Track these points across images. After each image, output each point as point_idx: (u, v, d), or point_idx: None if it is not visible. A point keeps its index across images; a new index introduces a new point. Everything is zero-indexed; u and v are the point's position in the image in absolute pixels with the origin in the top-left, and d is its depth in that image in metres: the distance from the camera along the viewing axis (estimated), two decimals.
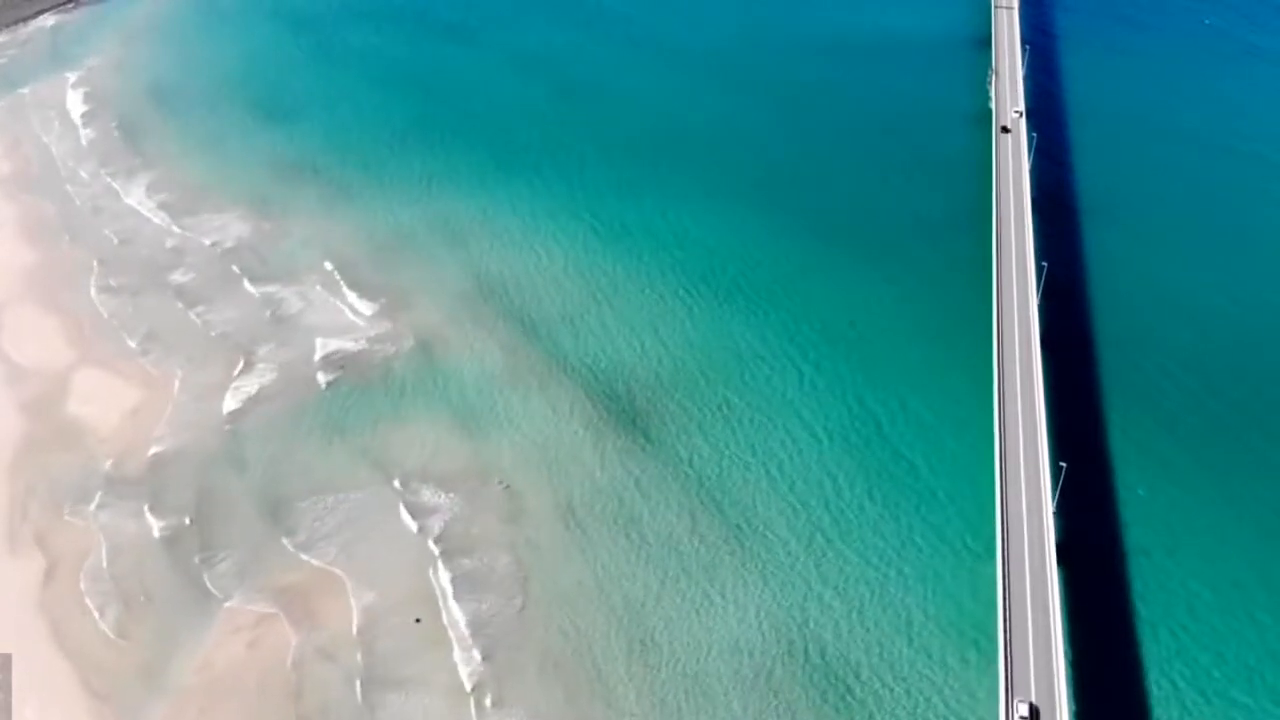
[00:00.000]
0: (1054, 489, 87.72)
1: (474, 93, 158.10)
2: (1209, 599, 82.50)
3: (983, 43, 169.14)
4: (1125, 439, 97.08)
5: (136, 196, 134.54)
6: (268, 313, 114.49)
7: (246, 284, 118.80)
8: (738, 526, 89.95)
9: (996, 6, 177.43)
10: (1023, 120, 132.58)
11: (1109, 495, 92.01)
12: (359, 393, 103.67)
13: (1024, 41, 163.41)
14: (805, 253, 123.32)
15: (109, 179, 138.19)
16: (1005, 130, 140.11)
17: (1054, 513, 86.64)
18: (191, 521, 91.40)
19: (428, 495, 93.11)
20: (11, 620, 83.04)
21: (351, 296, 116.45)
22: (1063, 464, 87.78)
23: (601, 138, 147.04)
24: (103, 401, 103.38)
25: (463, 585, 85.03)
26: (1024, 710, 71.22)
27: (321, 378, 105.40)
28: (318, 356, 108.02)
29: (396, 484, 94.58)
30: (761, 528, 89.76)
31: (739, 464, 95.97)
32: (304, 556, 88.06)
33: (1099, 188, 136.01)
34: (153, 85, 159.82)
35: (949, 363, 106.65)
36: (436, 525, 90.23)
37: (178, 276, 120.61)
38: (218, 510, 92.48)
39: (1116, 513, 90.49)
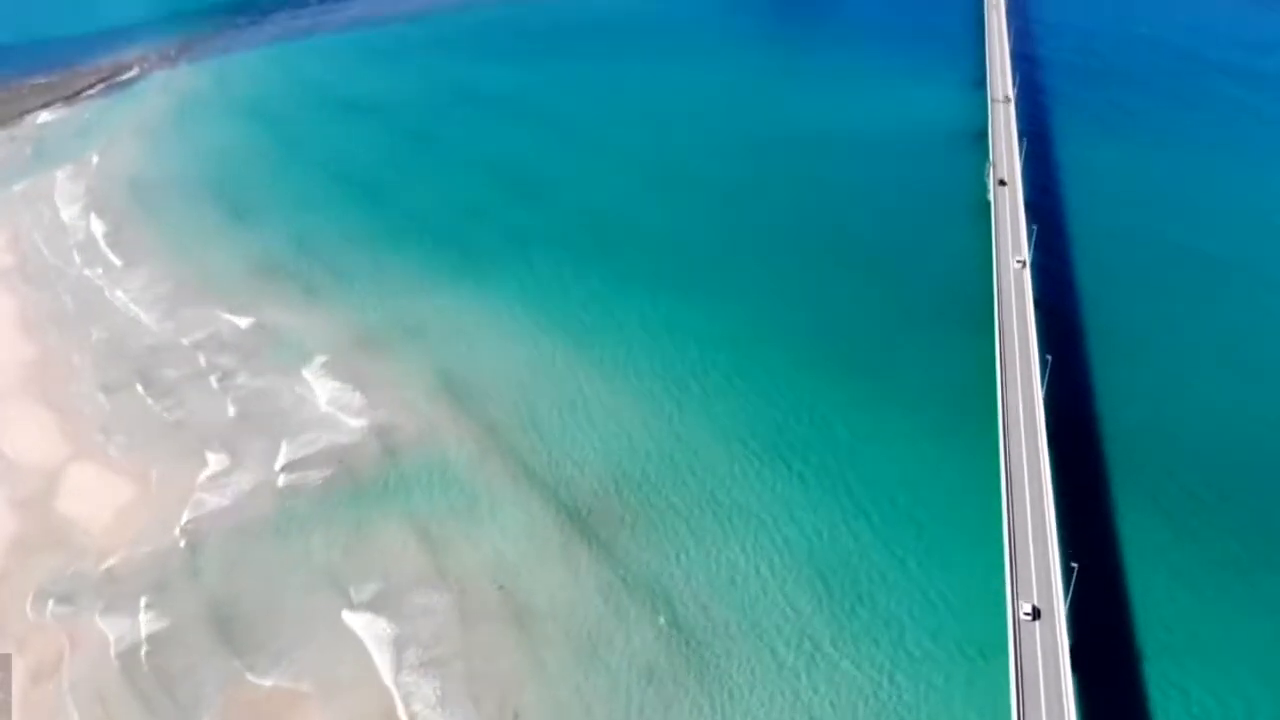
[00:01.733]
0: (1066, 590, 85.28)
1: (440, 194, 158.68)
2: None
3: (979, 136, 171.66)
4: (1135, 539, 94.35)
5: (125, 293, 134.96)
6: (244, 411, 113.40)
7: (222, 381, 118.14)
8: (725, 629, 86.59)
9: (993, 100, 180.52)
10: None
11: (1123, 597, 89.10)
12: (326, 497, 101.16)
13: (1021, 134, 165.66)
14: (800, 346, 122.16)
15: (99, 275, 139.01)
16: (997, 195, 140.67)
17: (1066, 613, 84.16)
18: (155, 632, 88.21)
19: (389, 609, 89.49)
20: None
21: (323, 397, 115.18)
22: (1074, 564, 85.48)
23: (588, 233, 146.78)
24: (91, 499, 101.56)
25: (422, 705, 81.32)
26: None
27: (292, 479, 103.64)
28: (288, 459, 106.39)
29: (355, 595, 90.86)
30: (751, 632, 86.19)
31: (726, 564, 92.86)
32: (259, 678, 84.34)
33: (1101, 280, 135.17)
34: (140, 183, 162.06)
35: (951, 459, 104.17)
36: (396, 640, 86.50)
37: (165, 373, 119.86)
38: (181, 622, 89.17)
39: (1131, 615, 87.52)
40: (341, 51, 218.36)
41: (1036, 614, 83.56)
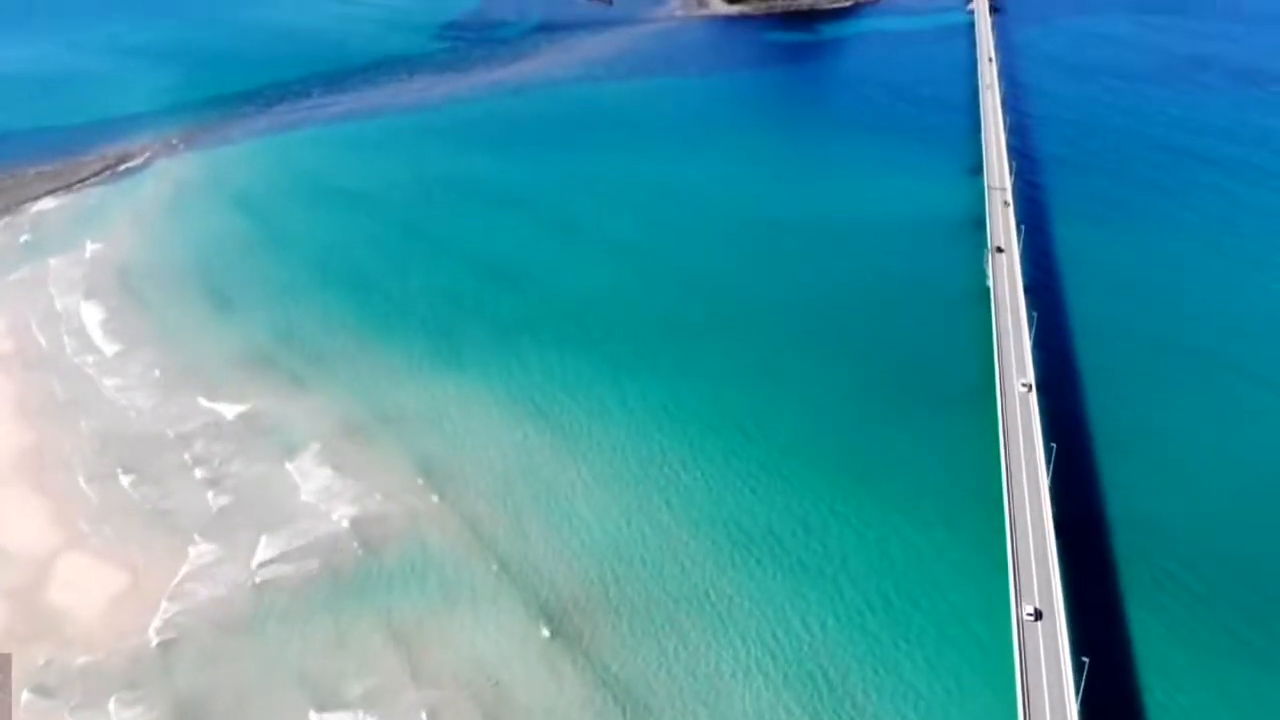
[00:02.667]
0: (1077, 687, 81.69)
1: (427, 283, 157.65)
2: None
3: (978, 223, 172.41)
4: (1143, 633, 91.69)
5: (117, 382, 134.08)
6: (229, 503, 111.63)
7: (208, 473, 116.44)
8: None
9: (990, 188, 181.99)
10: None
11: (1133, 692, 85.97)
12: (306, 593, 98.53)
13: (1019, 222, 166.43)
14: (793, 436, 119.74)
15: (91, 364, 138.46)
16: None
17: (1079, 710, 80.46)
18: None
19: (364, 711, 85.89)
20: None
21: (307, 489, 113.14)
22: (1085, 659, 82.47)
23: (576, 322, 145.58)
24: (80, 589, 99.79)
25: None
26: None
27: (273, 574, 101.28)
28: (270, 553, 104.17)
29: (329, 697, 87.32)
30: None
31: (715, 667, 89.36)
32: None
33: (1103, 366, 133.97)
34: (135, 271, 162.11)
35: (954, 548, 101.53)
36: None
37: (154, 463, 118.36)
38: None
39: (1144, 713, 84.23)
40: (338, 142, 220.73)
41: None
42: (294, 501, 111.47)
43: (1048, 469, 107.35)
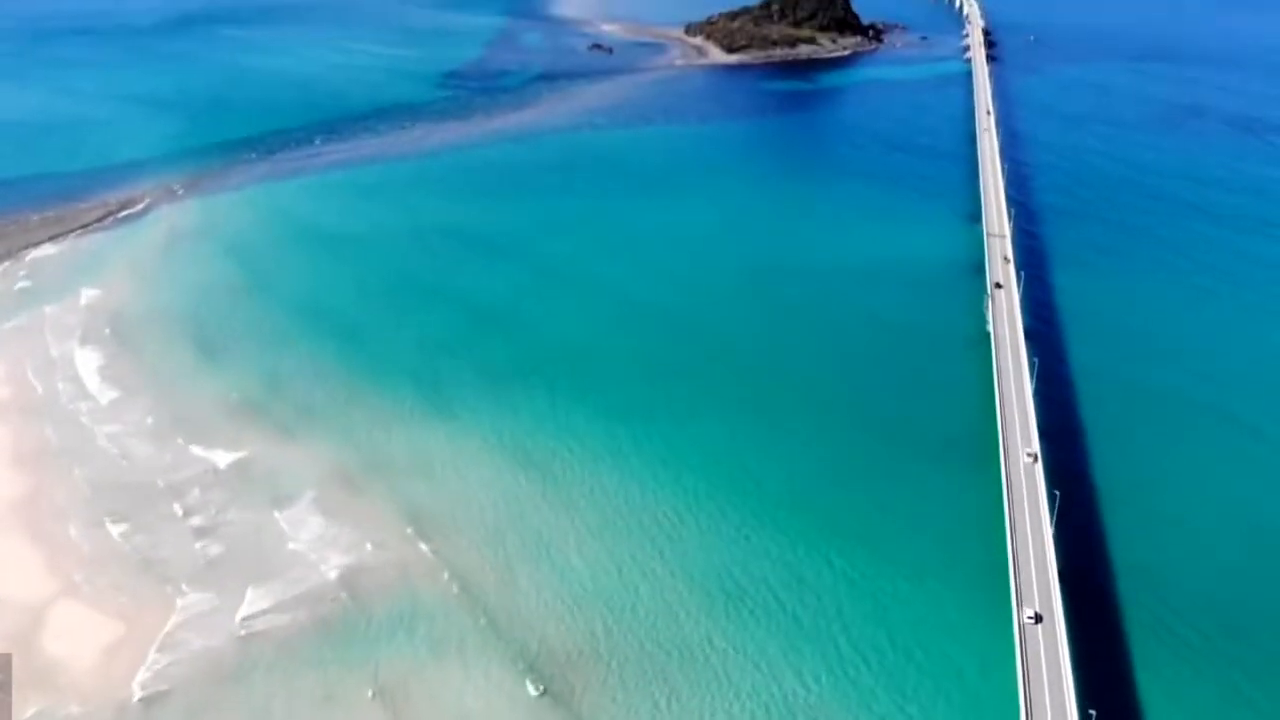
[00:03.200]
0: None
1: (419, 331, 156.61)
2: None
3: (977, 268, 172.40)
4: (1150, 685, 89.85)
5: (111, 430, 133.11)
6: (220, 553, 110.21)
7: (200, 522, 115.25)
8: None
9: (989, 235, 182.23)
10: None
11: None
12: (293, 646, 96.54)
13: (1018, 268, 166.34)
14: (791, 488, 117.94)
15: (86, 412, 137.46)
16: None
17: None
18: None
19: None
20: None
21: (297, 540, 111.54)
22: (1092, 712, 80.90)
23: (568, 370, 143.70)
24: (73, 639, 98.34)
25: None
26: None
27: (260, 626, 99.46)
28: (258, 605, 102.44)
29: None
30: None
31: (720, 716, 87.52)
32: None
33: (1105, 411, 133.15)
34: (132, 319, 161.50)
35: (956, 597, 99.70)
36: None
37: (146, 512, 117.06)
38: None
39: None
40: (337, 189, 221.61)
41: None
42: (284, 551, 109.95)
43: (1052, 517, 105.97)
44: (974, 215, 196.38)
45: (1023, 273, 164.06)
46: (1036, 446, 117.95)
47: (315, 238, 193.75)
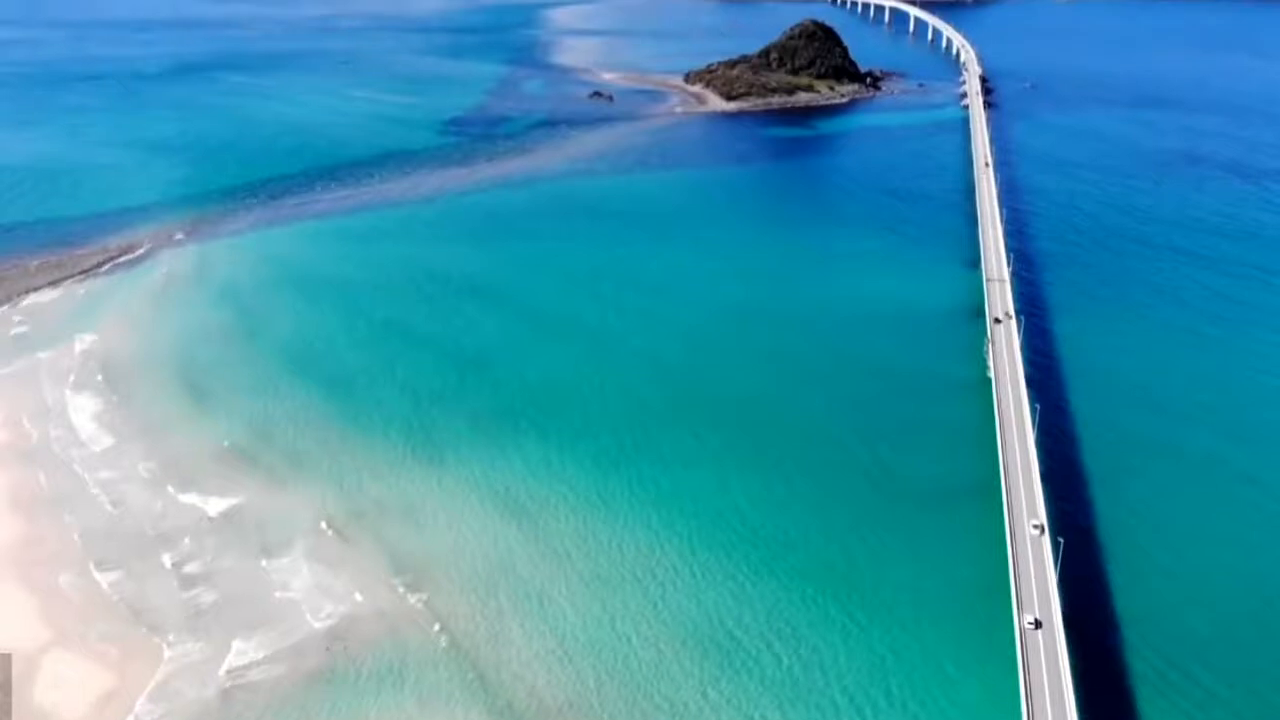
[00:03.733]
0: None
1: (411, 379, 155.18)
2: None
3: (976, 313, 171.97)
4: None
5: (104, 477, 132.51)
6: (209, 602, 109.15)
7: (190, 571, 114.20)
8: None
9: (988, 280, 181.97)
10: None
11: None
12: (279, 699, 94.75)
13: (1018, 313, 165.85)
14: (791, 532, 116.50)
15: (79, 459, 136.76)
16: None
17: None
18: None
19: None
20: None
21: (286, 590, 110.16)
22: None
23: (558, 418, 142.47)
24: (66, 689, 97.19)
25: None
26: None
27: (246, 679, 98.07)
28: (245, 657, 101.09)
29: None
30: None
31: None
32: None
33: (1107, 457, 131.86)
34: (128, 365, 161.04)
35: (956, 651, 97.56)
36: None
37: (137, 560, 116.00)
38: None
39: None
40: (337, 235, 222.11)
41: None
42: (274, 601, 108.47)
43: (1056, 562, 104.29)
44: (972, 260, 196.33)
45: (1022, 317, 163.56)
46: (1039, 492, 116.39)
47: (311, 283, 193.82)
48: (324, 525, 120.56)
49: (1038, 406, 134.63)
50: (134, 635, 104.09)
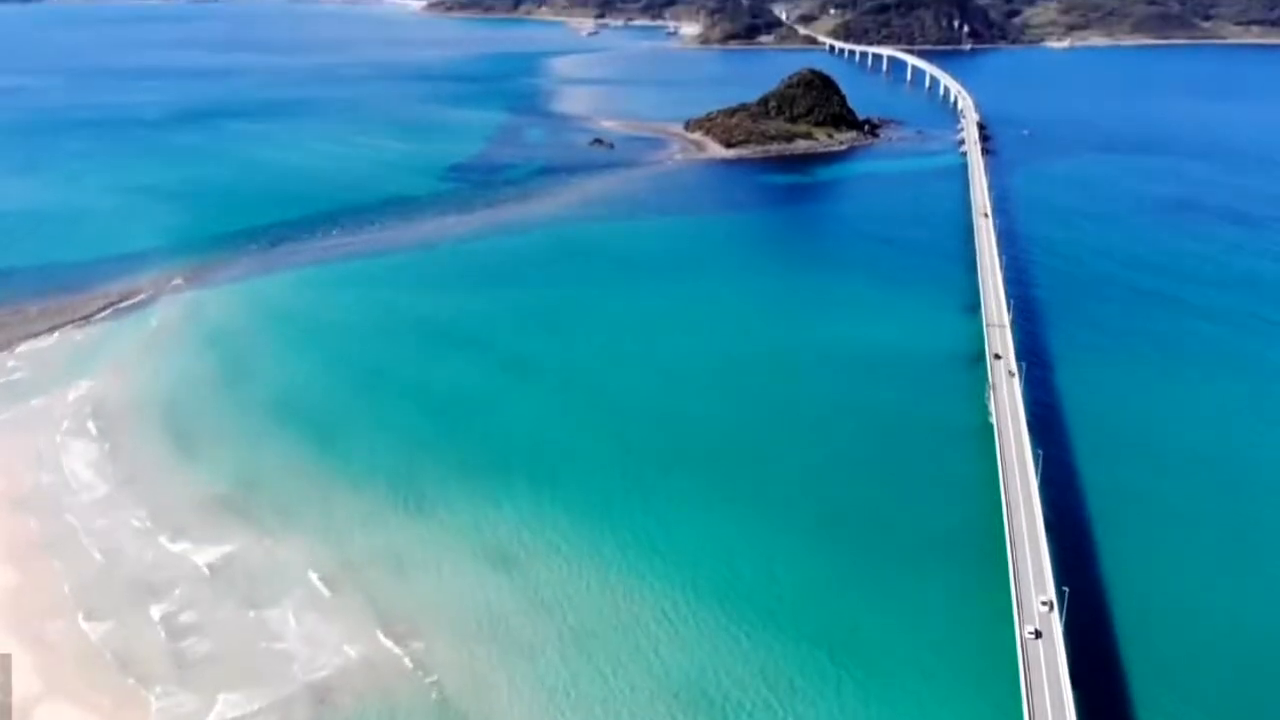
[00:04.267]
0: None
1: (403, 429, 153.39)
2: None
3: (976, 358, 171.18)
4: None
5: (102, 524, 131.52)
6: (196, 655, 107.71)
7: (181, 623, 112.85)
8: None
9: (988, 325, 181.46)
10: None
11: None
12: None
13: (1019, 359, 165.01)
14: (789, 587, 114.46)
15: (76, 506, 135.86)
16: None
17: None
18: None
19: None
20: None
21: (277, 643, 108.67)
22: None
23: (548, 469, 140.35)
24: None
25: None
26: None
27: None
28: (230, 712, 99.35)
29: None
30: None
31: None
32: None
33: (1112, 505, 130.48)
34: (123, 413, 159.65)
35: (956, 710, 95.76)
36: None
37: (129, 611, 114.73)
38: None
39: None
40: (337, 281, 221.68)
41: None
42: (263, 653, 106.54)
43: (1061, 615, 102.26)
44: (972, 306, 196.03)
45: (1023, 363, 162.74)
46: (1044, 543, 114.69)
47: (308, 330, 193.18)
48: (314, 576, 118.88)
49: (1040, 453, 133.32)
50: (122, 687, 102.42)
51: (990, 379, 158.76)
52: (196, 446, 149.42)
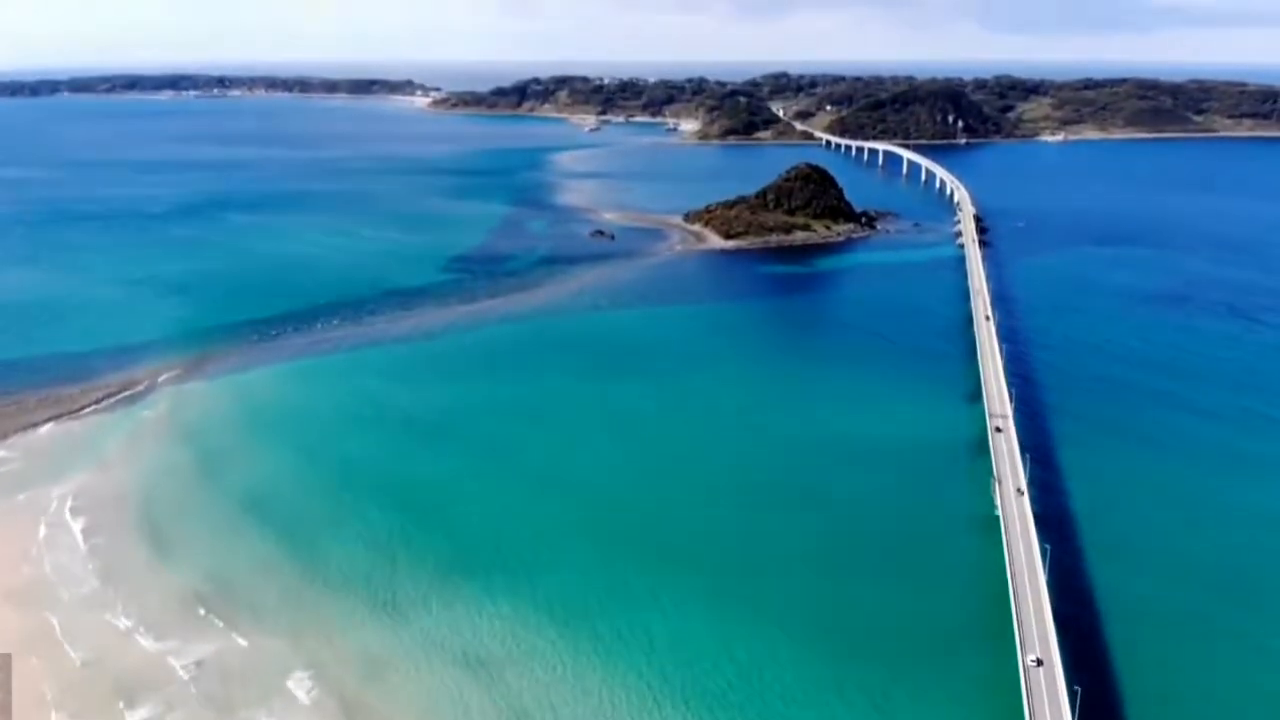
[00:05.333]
0: None
1: (394, 531, 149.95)
2: None
3: (979, 450, 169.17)
4: None
5: (85, 622, 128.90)
6: None
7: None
8: None
9: (990, 416, 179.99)
10: (1035, 543, 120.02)
11: None
12: None
13: (1023, 449, 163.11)
14: (785, 688, 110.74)
15: (59, 603, 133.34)
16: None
17: None
18: None
19: None
20: None
21: None
22: None
23: (534, 568, 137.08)
24: None
25: None
26: None
27: None
28: None
29: None
30: None
31: None
32: None
33: (1121, 594, 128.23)
34: (116, 508, 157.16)
35: None
36: None
37: (110, 715, 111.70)
38: None
39: None
40: (335, 372, 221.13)
41: None
42: None
43: (1073, 712, 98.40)
44: (973, 397, 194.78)
45: (1028, 455, 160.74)
46: (1055, 646, 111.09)
47: (299, 424, 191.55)
48: (290, 683, 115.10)
49: (1047, 547, 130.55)
50: None
51: (995, 473, 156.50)
52: (184, 544, 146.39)
